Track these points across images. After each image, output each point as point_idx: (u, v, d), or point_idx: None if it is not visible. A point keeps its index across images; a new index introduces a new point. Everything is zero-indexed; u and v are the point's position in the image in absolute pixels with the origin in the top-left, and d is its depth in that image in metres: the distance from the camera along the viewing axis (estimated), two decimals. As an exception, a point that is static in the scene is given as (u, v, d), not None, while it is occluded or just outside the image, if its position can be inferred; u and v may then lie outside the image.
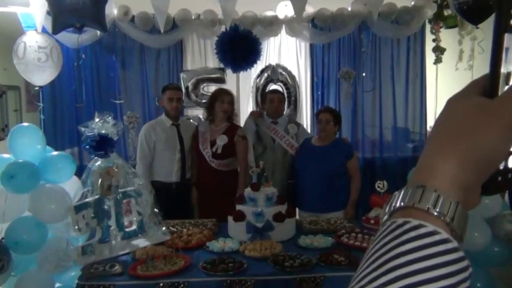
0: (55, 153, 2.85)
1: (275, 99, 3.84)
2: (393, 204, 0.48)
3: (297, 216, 3.39)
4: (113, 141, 2.65)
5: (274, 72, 4.61)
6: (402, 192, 0.48)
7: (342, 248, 2.57)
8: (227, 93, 3.73)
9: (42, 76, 3.86)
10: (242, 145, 3.63)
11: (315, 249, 2.56)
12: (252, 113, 3.99)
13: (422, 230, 0.43)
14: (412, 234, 0.43)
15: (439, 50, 4.79)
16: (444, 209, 0.45)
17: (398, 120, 4.92)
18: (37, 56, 3.69)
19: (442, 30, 4.80)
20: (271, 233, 2.70)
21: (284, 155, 3.71)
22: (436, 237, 0.42)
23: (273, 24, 4.64)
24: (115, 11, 4.51)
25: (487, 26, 4.39)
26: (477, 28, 4.41)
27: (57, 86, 4.52)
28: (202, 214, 3.60)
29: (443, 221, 0.45)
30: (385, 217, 0.49)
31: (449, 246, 0.42)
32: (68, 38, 4.22)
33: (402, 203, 0.47)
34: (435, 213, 0.45)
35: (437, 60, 4.78)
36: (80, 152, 4.67)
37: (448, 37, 4.82)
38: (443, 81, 5.46)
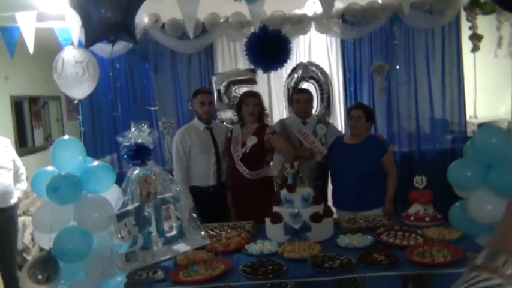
0: (95, 163, 2.95)
1: (301, 100, 3.84)
2: (479, 261, 0.71)
3: (335, 215, 3.40)
4: (149, 149, 2.73)
5: (305, 70, 4.57)
6: (486, 252, 0.72)
7: (381, 246, 2.56)
8: (252, 95, 3.73)
9: (80, 89, 3.99)
10: (276, 139, 3.64)
11: (354, 249, 2.55)
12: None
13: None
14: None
15: (476, 38, 4.63)
16: None
17: (435, 111, 4.80)
18: (74, 71, 3.82)
19: (478, 17, 4.64)
20: (309, 233, 2.71)
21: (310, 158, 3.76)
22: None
23: (302, 22, 4.62)
24: (146, 20, 4.62)
25: (526, 12, 4.25)
26: (517, 14, 4.28)
27: (95, 97, 4.65)
28: (238, 216, 3.61)
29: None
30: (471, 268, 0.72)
31: None
32: (102, 49, 4.33)
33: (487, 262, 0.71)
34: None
35: (475, 48, 4.63)
36: (119, 159, 4.77)
37: (485, 24, 4.66)
38: (482, 69, 5.29)
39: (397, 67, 4.75)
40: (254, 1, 3.42)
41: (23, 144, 5.86)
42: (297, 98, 3.91)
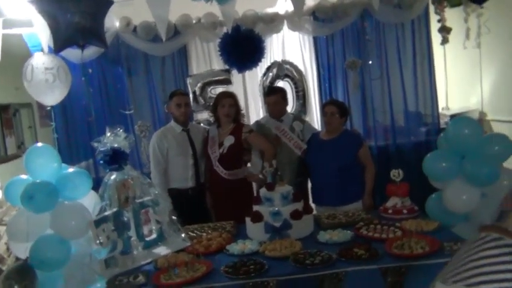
0: (71, 169, 2.90)
1: (270, 102, 3.85)
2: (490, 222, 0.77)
3: (315, 212, 3.42)
4: (126, 154, 2.71)
5: (280, 69, 4.56)
6: (498, 212, 0.76)
7: (361, 241, 2.59)
8: (227, 96, 3.73)
9: (52, 96, 3.90)
10: (253, 137, 3.64)
11: (334, 244, 2.58)
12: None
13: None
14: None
15: (445, 30, 4.70)
16: None
17: (409, 104, 4.85)
18: (44, 78, 3.73)
19: (446, 9, 4.70)
20: (289, 231, 2.73)
21: (290, 153, 3.71)
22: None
23: (274, 21, 4.60)
24: (117, 23, 4.54)
25: (493, 4, 4.34)
26: (482, 8, 4.36)
27: (67, 103, 4.55)
28: (218, 217, 3.60)
29: None
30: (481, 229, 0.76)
31: None
32: (73, 54, 4.23)
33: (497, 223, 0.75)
34: None
35: (444, 41, 4.69)
36: (95, 164, 4.71)
37: (453, 16, 4.73)
38: (452, 61, 5.39)
39: (370, 62, 4.75)
40: (225, 1, 3.41)
41: (-5, 154, 5.74)
42: (267, 100, 3.95)
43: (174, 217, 2.83)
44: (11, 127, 5.95)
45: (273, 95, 3.88)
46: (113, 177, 2.70)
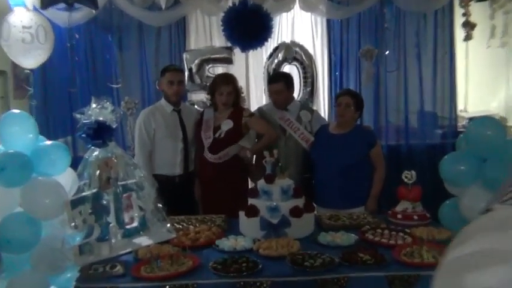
0: (48, 142, 2.82)
1: (272, 91, 3.73)
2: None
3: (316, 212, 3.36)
4: (112, 129, 2.61)
5: (288, 51, 4.46)
6: None
7: (367, 245, 2.53)
8: (226, 82, 3.60)
9: (30, 58, 3.80)
10: (254, 121, 3.59)
11: (337, 247, 2.50)
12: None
13: None
14: None
15: (469, 26, 4.64)
16: None
17: (425, 103, 4.84)
18: (21, 37, 3.63)
19: (472, 3, 4.63)
20: (287, 229, 2.65)
21: (297, 146, 3.65)
22: None
23: None
24: None
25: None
26: (511, 1, 4.31)
27: (49, 69, 4.48)
28: (206, 210, 3.52)
29: None
30: None
31: None
32: (60, 16, 4.17)
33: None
34: None
35: (467, 37, 4.63)
36: (74, 142, 4.64)
37: (479, 11, 4.68)
38: (474, 60, 5.32)
39: (387, 53, 4.78)
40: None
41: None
42: (269, 88, 3.83)
43: (159, 205, 2.73)
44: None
45: (275, 83, 3.75)
46: (95, 153, 2.58)
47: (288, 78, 3.81)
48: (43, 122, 4.59)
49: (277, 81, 3.75)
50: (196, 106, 4.31)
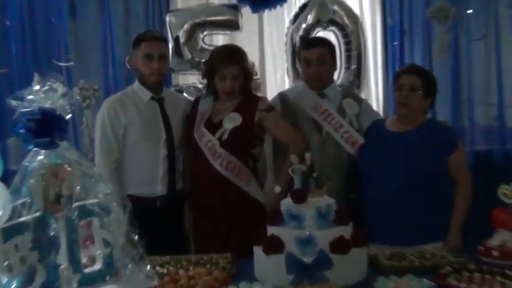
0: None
1: (313, 58, 3.52)
2: None
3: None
4: (64, 120, 2.53)
5: (322, 10, 4.26)
6: None
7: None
8: (229, 63, 3.40)
9: None
10: (272, 119, 3.44)
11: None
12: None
13: None
14: None
15: None
16: None
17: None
18: None
19: None
20: (328, 271, 2.51)
21: (339, 150, 3.50)
22: None
23: None
24: None
25: None
26: None
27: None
28: (202, 246, 3.38)
29: None
30: None
31: None
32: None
33: None
34: None
35: None
36: (3, 148, 4.44)
37: None
38: None
39: (469, 12, 4.58)
40: None
41: None
42: (306, 55, 3.56)
43: (134, 237, 2.55)
44: None
45: (316, 47, 3.56)
46: (39, 158, 2.51)
47: (331, 46, 3.64)
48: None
49: (320, 45, 3.59)
50: (185, 93, 4.26)
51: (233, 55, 3.44)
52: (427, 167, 3.19)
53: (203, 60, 3.82)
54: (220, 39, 4.30)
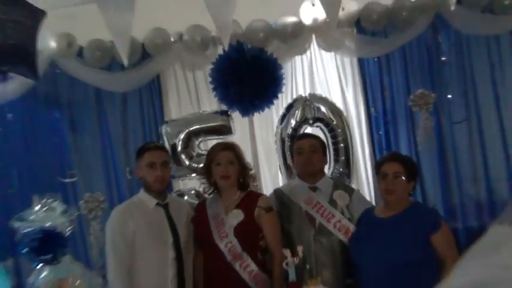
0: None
1: (305, 147, 3.68)
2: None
3: None
4: (64, 238, 2.67)
5: (307, 108, 4.39)
6: None
7: None
8: (223, 148, 3.59)
9: None
10: (269, 221, 3.49)
11: None
12: None
13: None
14: None
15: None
16: None
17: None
18: None
19: None
20: None
21: (332, 240, 3.57)
22: None
23: (297, 36, 4.56)
24: (52, 44, 4.48)
25: None
26: None
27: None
28: None
29: None
30: None
31: None
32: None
33: None
34: None
35: None
36: (16, 264, 4.39)
37: None
38: None
39: (449, 97, 4.68)
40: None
41: None
42: (298, 145, 3.75)
43: None
44: None
45: (308, 138, 3.78)
46: (44, 274, 2.64)
47: (321, 140, 3.84)
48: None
49: (310, 136, 3.82)
50: (187, 197, 4.34)
51: (227, 143, 3.73)
52: (411, 251, 3.24)
53: (200, 165, 3.90)
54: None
